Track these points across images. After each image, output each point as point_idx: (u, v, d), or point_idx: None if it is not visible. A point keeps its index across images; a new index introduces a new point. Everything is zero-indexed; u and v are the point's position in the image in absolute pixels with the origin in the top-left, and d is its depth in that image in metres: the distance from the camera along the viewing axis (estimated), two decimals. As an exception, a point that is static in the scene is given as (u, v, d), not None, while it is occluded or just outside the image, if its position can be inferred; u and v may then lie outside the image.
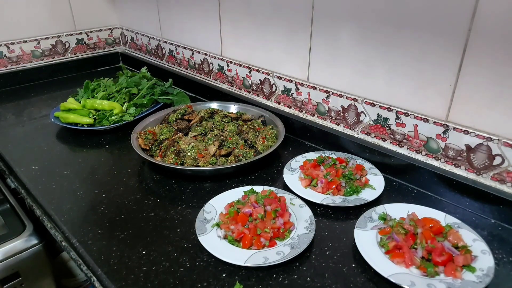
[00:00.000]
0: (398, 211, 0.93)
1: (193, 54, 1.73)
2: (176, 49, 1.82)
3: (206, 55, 1.65)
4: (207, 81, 1.70)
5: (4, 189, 1.37)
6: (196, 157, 1.12)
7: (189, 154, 1.13)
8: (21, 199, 1.29)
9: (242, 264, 0.79)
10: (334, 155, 1.16)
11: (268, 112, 1.35)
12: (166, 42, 1.86)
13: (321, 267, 0.81)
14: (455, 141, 0.99)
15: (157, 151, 1.17)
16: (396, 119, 1.09)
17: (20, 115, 1.56)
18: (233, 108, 1.43)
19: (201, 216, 0.93)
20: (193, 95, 1.73)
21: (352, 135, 1.22)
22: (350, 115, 1.20)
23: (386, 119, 1.12)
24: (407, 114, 1.06)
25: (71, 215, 0.97)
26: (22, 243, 1.15)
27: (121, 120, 1.40)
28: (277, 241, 0.86)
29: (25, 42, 1.85)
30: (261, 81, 1.45)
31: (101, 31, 2.09)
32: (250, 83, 1.50)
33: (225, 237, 0.87)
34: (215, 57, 1.61)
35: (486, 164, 0.95)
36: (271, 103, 1.45)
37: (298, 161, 1.15)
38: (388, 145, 1.14)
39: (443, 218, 0.91)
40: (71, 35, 1.99)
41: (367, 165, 1.11)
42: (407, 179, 1.09)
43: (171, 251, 0.85)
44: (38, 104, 1.67)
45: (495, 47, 0.86)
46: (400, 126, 1.09)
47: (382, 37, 1.04)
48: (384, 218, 0.90)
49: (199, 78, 1.74)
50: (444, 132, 1.00)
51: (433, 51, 0.96)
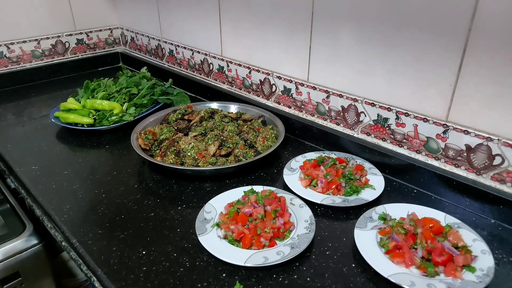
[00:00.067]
0: (398, 211, 0.93)
1: (193, 54, 1.73)
2: (176, 49, 1.82)
3: (206, 55, 1.65)
4: (207, 81, 1.70)
5: (4, 189, 1.37)
6: (196, 157, 1.12)
7: (189, 154, 1.13)
8: (21, 199, 1.29)
9: (242, 264, 0.79)
10: (334, 155, 1.16)
11: (268, 112, 1.35)
12: (166, 42, 1.86)
13: (321, 267, 0.81)
14: (455, 141, 0.99)
15: (157, 151, 1.17)
16: (396, 119, 1.09)
17: (20, 115, 1.56)
18: (233, 108, 1.43)
19: (201, 216, 0.93)
20: (193, 95, 1.73)
21: (352, 135, 1.22)
22: (350, 115, 1.20)
23: (386, 119, 1.12)
24: (407, 114, 1.06)
25: (71, 215, 0.97)
26: (22, 243, 1.15)
27: (121, 120, 1.40)
28: (277, 241, 0.86)
29: (25, 42, 1.85)
30: (261, 81, 1.45)
31: (101, 31, 2.09)
32: (250, 83, 1.50)
33: (225, 237, 0.87)
34: (215, 57, 1.61)
35: (486, 164, 0.95)
36: (271, 103, 1.45)
37: (298, 161, 1.15)
38: (388, 145, 1.14)
39: (443, 218, 0.91)
40: (71, 35, 1.99)
41: (367, 165, 1.11)
42: (407, 179, 1.09)
43: (171, 251, 0.85)
44: (38, 104, 1.67)
45: (495, 47, 0.86)
46: (400, 126, 1.09)
47: (382, 37, 1.04)
48: (384, 218, 0.90)
49: (199, 78, 1.74)
50: (444, 132, 1.00)
51: (433, 51, 0.96)
